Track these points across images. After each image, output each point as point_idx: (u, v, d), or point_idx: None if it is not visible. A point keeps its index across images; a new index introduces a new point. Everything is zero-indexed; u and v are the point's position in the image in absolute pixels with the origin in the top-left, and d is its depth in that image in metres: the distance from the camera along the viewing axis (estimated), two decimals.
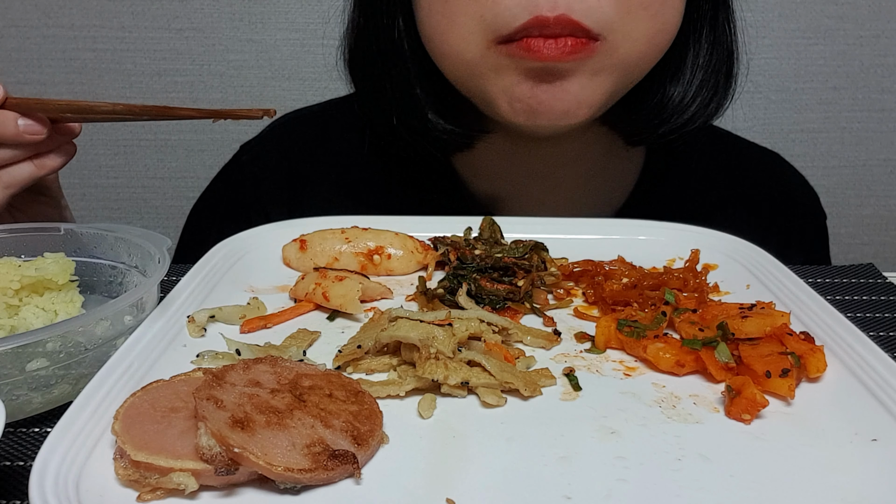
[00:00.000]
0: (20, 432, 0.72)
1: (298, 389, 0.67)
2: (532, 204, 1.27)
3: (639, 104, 1.16)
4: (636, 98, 1.15)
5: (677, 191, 1.31)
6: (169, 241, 0.89)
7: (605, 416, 0.69)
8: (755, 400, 0.68)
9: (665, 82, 1.15)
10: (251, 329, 0.84)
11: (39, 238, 0.93)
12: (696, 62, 1.15)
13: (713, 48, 1.15)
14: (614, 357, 0.80)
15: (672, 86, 1.15)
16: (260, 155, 1.35)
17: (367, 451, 0.62)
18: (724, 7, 1.16)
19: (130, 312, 0.81)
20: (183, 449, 0.60)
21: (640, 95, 1.15)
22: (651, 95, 1.15)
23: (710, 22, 1.14)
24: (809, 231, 1.39)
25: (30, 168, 0.98)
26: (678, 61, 1.14)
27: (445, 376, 0.71)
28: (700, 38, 1.14)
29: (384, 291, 0.93)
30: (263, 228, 1.06)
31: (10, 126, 0.93)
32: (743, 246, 1.03)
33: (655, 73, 1.12)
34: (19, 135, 0.94)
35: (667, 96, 1.15)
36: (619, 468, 0.62)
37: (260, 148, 1.37)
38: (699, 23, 1.14)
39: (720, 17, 1.15)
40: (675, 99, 1.14)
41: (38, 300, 0.84)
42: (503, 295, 0.90)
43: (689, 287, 0.92)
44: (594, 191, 1.29)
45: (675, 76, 1.15)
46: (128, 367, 0.72)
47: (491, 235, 1.03)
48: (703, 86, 1.15)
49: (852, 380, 0.75)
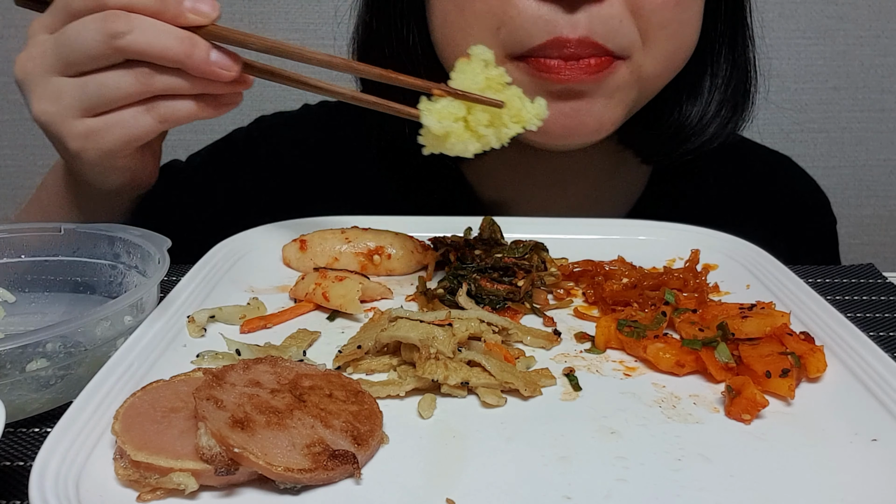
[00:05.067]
0: (20, 432, 0.72)
1: (298, 389, 0.67)
2: (538, 210, 1.27)
3: (656, 123, 1.15)
4: (654, 117, 1.14)
5: (686, 196, 1.31)
6: (169, 241, 0.89)
7: (605, 416, 0.69)
8: (755, 400, 0.68)
9: (682, 101, 1.14)
10: (251, 329, 0.84)
11: (40, 238, 0.93)
12: (715, 82, 1.14)
13: (732, 69, 1.14)
14: (614, 357, 0.80)
15: (689, 105, 1.14)
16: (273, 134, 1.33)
17: (367, 451, 0.62)
18: (742, 27, 1.15)
19: (130, 313, 0.81)
20: (183, 449, 0.60)
21: (658, 114, 1.14)
22: (668, 115, 1.14)
23: (728, 42, 1.14)
24: (819, 236, 1.38)
25: (191, 107, 0.88)
26: (696, 80, 1.14)
27: (445, 376, 0.71)
28: (719, 59, 1.14)
29: (384, 291, 0.93)
30: (263, 228, 1.06)
31: (201, 55, 0.84)
32: (743, 246, 1.03)
33: (673, 92, 1.12)
34: (207, 67, 0.84)
35: (684, 115, 1.14)
36: (619, 468, 0.62)
37: (273, 130, 1.35)
38: (717, 43, 1.13)
39: (738, 36, 1.15)
40: (693, 119, 1.13)
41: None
42: (503, 295, 0.90)
43: (689, 287, 0.92)
44: (602, 198, 1.29)
45: (693, 95, 1.14)
46: (128, 367, 0.72)
47: (491, 235, 1.03)
48: (721, 106, 1.14)
49: (852, 380, 0.75)
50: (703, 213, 1.22)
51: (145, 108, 0.88)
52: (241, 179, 1.32)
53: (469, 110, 0.86)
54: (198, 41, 0.84)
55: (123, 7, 0.84)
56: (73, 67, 0.87)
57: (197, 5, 0.85)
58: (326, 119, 1.37)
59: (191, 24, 0.85)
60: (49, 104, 0.89)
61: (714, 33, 1.12)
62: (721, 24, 1.12)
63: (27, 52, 0.90)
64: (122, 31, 0.83)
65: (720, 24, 1.12)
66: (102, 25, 0.83)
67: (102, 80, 0.86)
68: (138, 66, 0.85)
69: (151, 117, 0.88)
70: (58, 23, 0.88)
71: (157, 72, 0.85)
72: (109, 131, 0.88)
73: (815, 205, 1.39)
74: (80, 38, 0.85)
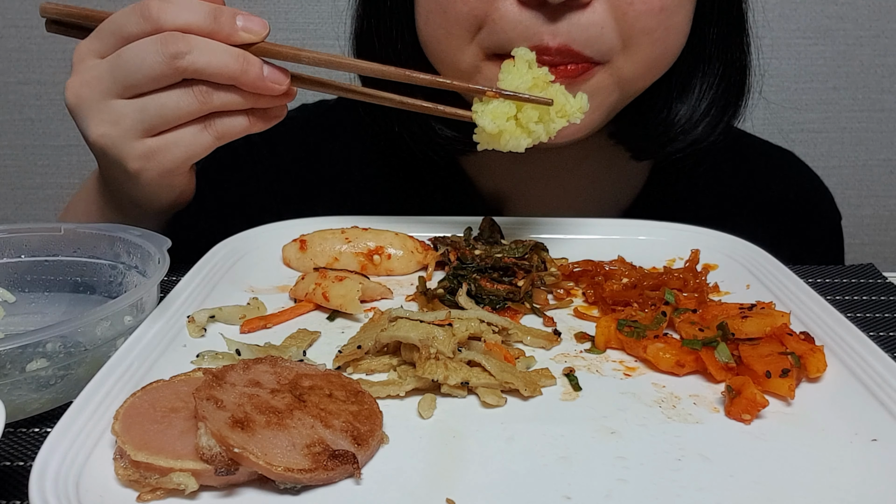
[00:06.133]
0: (20, 432, 0.72)
1: (298, 389, 0.67)
2: (538, 202, 1.27)
3: (645, 121, 1.15)
4: (643, 115, 1.14)
5: (687, 190, 1.31)
6: (169, 241, 0.89)
7: (605, 416, 0.69)
8: (755, 400, 0.68)
9: (672, 100, 1.14)
10: (251, 329, 0.84)
11: (40, 238, 0.93)
12: (705, 82, 1.13)
13: (725, 71, 1.14)
14: (614, 357, 0.80)
15: (679, 104, 1.14)
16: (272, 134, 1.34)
17: (367, 451, 0.62)
18: (737, 29, 1.14)
19: (130, 313, 0.81)
20: (183, 449, 0.60)
21: (648, 112, 1.14)
22: (658, 113, 1.14)
23: (722, 43, 1.13)
24: (824, 232, 1.37)
25: (244, 122, 0.91)
26: (687, 80, 1.13)
27: (445, 376, 0.71)
28: (712, 59, 1.13)
29: (384, 291, 0.93)
30: (263, 228, 1.06)
31: (256, 71, 0.87)
32: (743, 246, 1.03)
33: (663, 91, 1.12)
34: (262, 82, 0.87)
35: (673, 113, 1.14)
36: (619, 468, 0.62)
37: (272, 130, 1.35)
38: (710, 44, 1.13)
39: (733, 38, 1.14)
40: (681, 118, 1.13)
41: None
42: (503, 295, 0.90)
43: (689, 287, 0.92)
44: (601, 190, 1.29)
45: (683, 94, 1.14)
46: (128, 367, 0.72)
47: (491, 236, 1.03)
48: (711, 107, 1.14)
49: (852, 380, 0.74)
50: (704, 209, 1.22)
51: (203, 126, 0.91)
52: (240, 179, 1.32)
53: (519, 109, 0.92)
54: (251, 58, 0.87)
55: (179, 28, 0.86)
56: (131, 90, 0.89)
57: (248, 24, 0.88)
58: (325, 118, 1.37)
59: (243, 42, 0.88)
60: (109, 127, 0.90)
61: (707, 34, 1.12)
62: (714, 27, 1.12)
63: (79, 77, 0.92)
64: (183, 51, 0.85)
65: (713, 27, 1.12)
66: (163, 48, 0.86)
67: (163, 100, 0.88)
68: (196, 84, 0.88)
69: (209, 134, 0.91)
70: (109, 47, 0.90)
71: (213, 89, 0.88)
72: (170, 150, 0.91)
73: (820, 201, 1.38)
74: (139, 60, 0.86)
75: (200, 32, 0.86)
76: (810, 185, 1.39)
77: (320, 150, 1.33)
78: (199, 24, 0.86)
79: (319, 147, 1.33)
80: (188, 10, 0.87)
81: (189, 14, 0.87)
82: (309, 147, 1.34)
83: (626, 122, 1.14)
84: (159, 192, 0.99)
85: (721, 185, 1.32)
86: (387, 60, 0.96)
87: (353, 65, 0.94)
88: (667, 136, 1.14)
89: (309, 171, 1.32)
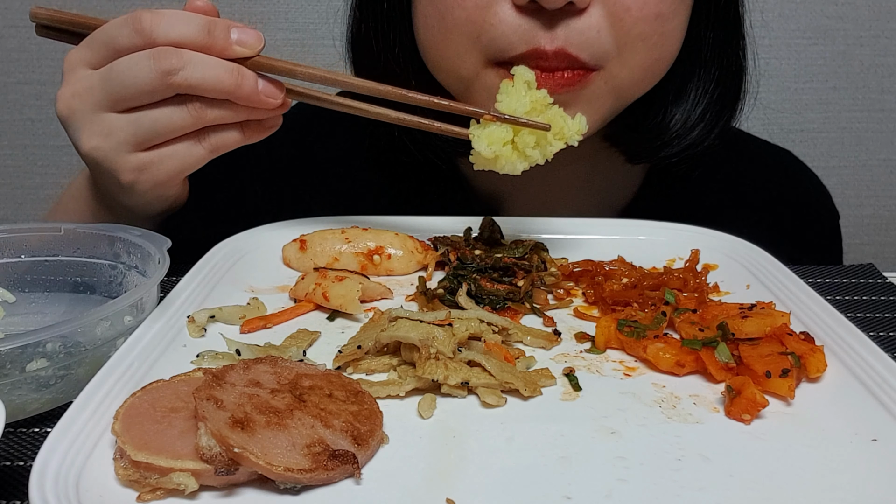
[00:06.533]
0: (20, 432, 0.72)
1: (298, 389, 0.67)
2: (534, 202, 1.27)
3: (639, 125, 1.15)
4: (638, 118, 1.14)
5: (684, 189, 1.31)
6: (169, 241, 0.89)
7: (605, 416, 0.69)
8: (755, 400, 0.68)
9: (668, 104, 1.14)
10: (251, 329, 0.84)
11: (39, 238, 0.93)
12: (701, 87, 1.13)
13: (721, 75, 1.13)
14: (614, 357, 0.80)
15: (674, 108, 1.14)
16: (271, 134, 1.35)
17: (367, 451, 0.62)
18: (735, 34, 1.14)
19: (130, 313, 0.81)
20: (183, 449, 0.60)
21: (643, 116, 1.14)
22: (652, 117, 1.14)
23: (718, 49, 1.13)
24: (823, 231, 1.37)
25: (238, 134, 0.92)
26: (683, 84, 1.13)
27: (445, 376, 0.71)
28: (708, 64, 1.13)
29: (384, 291, 0.93)
30: (263, 228, 1.06)
31: (250, 85, 0.86)
32: (743, 246, 1.03)
33: (659, 95, 1.12)
34: (256, 96, 0.87)
35: (668, 118, 1.13)
36: (619, 468, 0.62)
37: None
38: (707, 49, 1.12)
39: (730, 43, 1.14)
40: (676, 123, 1.13)
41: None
42: (503, 295, 0.90)
43: (689, 287, 0.92)
44: (598, 190, 1.29)
45: (679, 99, 1.14)
46: (128, 367, 0.72)
47: (491, 236, 1.03)
48: (706, 111, 1.14)
49: (852, 380, 0.74)
50: (702, 209, 1.22)
51: (196, 139, 0.90)
52: (240, 179, 1.32)
53: (516, 132, 0.91)
54: (245, 72, 0.87)
55: (172, 43, 0.85)
56: (123, 104, 0.88)
57: (242, 37, 0.88)
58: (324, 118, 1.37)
59: (237, 56, 0.88)
60: (101, 140, 0.90)
61: (704, 38, 1.12)
62: (711, 31, 1.12)
63: (70, 87, 0.91)
64: (176, 67, 0.85)
65: (710, 31, 1.12)
66: (156, 63, 0.85)
67: (156, 115, 0.88)
68: (189, 99, 0.87)
69: (203, 147, 0.91)
70: (100, 59, 0.89)
71: (207, 105, 0.88)
72: (163, 163, 0.91)
73: (818, 200, 1.38)
74: (131, 75, 0.86)
75: (194, 47, 0.86)
76: (808, 185, 1.39)
77: (320, 149, 1.33)
78: (192, 37, 0.85)
79: (319, 147, 1.33)
80: (181, 23, 0.86)
81: (182, 27, 0.86)
82: (308, 147, 1.33)
83: (621, 126, 1.14)
84: (152, 202, 0.99)
85: (719, 184, 1.32)
86: (385, 65, 0.95)
87: (350, 82, 0.94)
88: (661, 141, 1.14)
89: (308, 170, 1.32)
